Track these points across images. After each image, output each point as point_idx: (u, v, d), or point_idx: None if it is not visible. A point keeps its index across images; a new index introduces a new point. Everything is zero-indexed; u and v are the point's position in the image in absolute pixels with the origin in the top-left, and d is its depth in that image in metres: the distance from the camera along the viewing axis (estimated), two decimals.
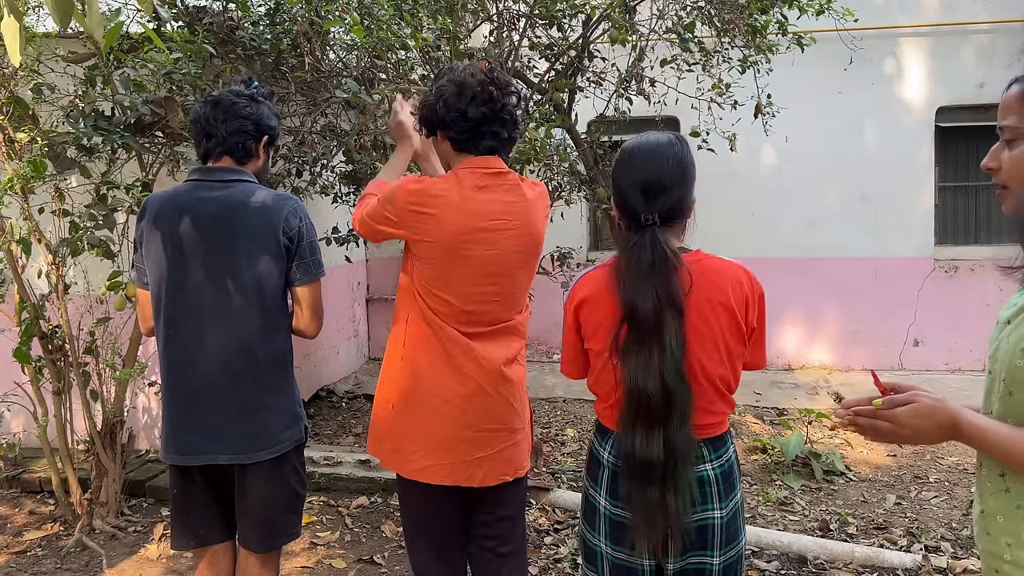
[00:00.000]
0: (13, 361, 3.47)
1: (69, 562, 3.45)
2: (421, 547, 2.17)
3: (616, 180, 1.71)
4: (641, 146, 1.72)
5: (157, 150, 3.77)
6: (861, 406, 1.33)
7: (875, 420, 1.30)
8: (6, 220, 3.43)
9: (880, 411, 1.30)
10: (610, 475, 1.70)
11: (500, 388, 2.03)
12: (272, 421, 2.14)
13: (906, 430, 1.28)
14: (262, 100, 2.24)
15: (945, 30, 6.72)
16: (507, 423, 2.06)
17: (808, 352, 7.06)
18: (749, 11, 4.28)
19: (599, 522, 1.72)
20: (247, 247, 2.08)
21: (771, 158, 6.91)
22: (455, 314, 1.99)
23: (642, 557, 1.68)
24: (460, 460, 2.02)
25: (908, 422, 1.27)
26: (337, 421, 5.56)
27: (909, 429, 1.27)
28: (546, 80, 4.63)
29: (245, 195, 2.12)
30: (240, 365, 2.09)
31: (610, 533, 1.70)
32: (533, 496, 3.93)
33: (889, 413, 1.29)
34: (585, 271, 1.77)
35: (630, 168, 1.69)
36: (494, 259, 1.98)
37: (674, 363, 1.56)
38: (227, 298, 2.08)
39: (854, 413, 1.33)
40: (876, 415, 1.30)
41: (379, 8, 3.45)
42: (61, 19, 1.30)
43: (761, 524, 3.74)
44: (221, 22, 3.75)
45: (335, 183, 4.57)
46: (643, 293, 1.57)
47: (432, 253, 1.97)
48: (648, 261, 1.59)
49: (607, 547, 1.71)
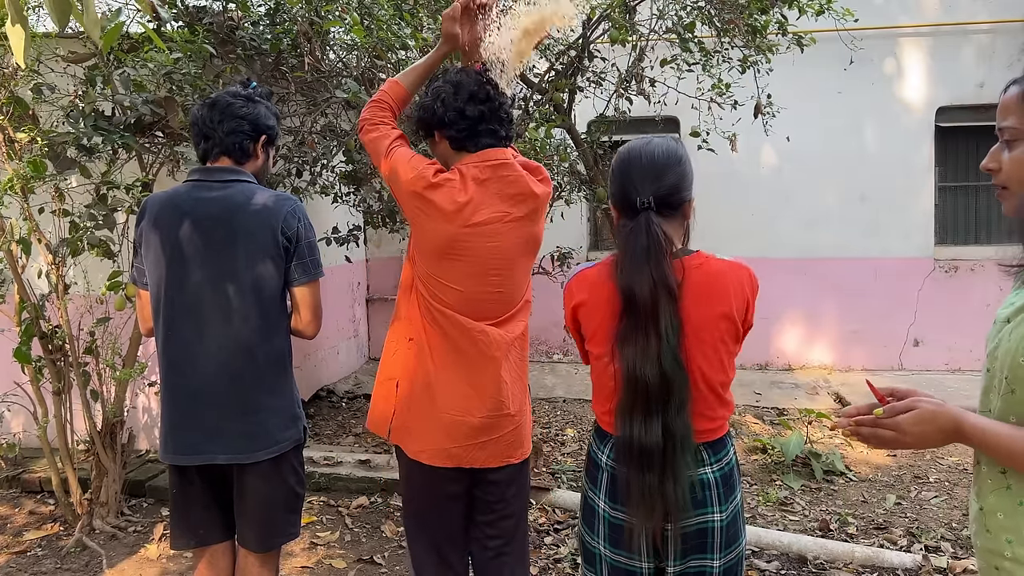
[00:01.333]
0: (13, 361, 3.47)
1: (69, 562, 3.45)
2: (421, 542, 2.18)
3: (613, 174, 1.72)
4: (637, 141, 1.75)
5: (157, 150, 3.77)
6: (861, 415, 1.32)
7: (877, 429, 1.30)
8: (6, 220, 3.43)
9: (881, 420, 1.29)
10: (609, 478, 1.70)
11: (502, 372, 2.05)
12: (271, 421, 2.14)
13: (909, 437, 1.27)
14: (259, 100, 2.24)
15: (945, 30, 6.72)
16: (509, 407, 2.07)
17: (808, 352, 7.06)
18: (749, 11, 4.28)
19: (598, 525, 1.72)
20: (246, 247, 2.08)
21: (771, 158, 6.91)
22: (460, 303, 2.01)
23: (641, 559, 1.67)
24: (462, 444, 2.04)
25: (911, 429, 1.27)
26: (337, 421, 5.56)
27: (912, 436, 1.27)
28: (546, 80, 4.62)
29: (244, 195, 2.12)
30: (239, 365, 2.10)
31: (608, 536, 1.70)
32: (533, 496, 3.92)
33: (892, 421, 1.28)
34: (579, 268, 1.76)
35: (625, 160, 1.71)
36: (496, 251, 2.00)
37: (671, 350, 1.56)
38: (226, 298, 2.08)
39: (855, 423, 1.32)
40: (878, 424, 1.30)
41: (379, 8, 3.46)
42: (59, 19, 1.30)
43: (761, 524, 3.74)
44: (221, 22, 3.75)
45: (335, 183, 4.57)
46: (639, 279, 1.57)
47: (432, 245, 1.99)
48: (643, 245, 1.59)
49: (606, 550, 1.71)
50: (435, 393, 2.04)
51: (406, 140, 2.12)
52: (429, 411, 2.05)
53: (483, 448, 2.06)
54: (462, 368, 2.03)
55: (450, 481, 2.09)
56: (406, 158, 2.01)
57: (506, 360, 2.06)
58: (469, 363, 2.02)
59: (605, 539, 1.71)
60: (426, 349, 2.04)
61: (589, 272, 1.72)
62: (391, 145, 2.05)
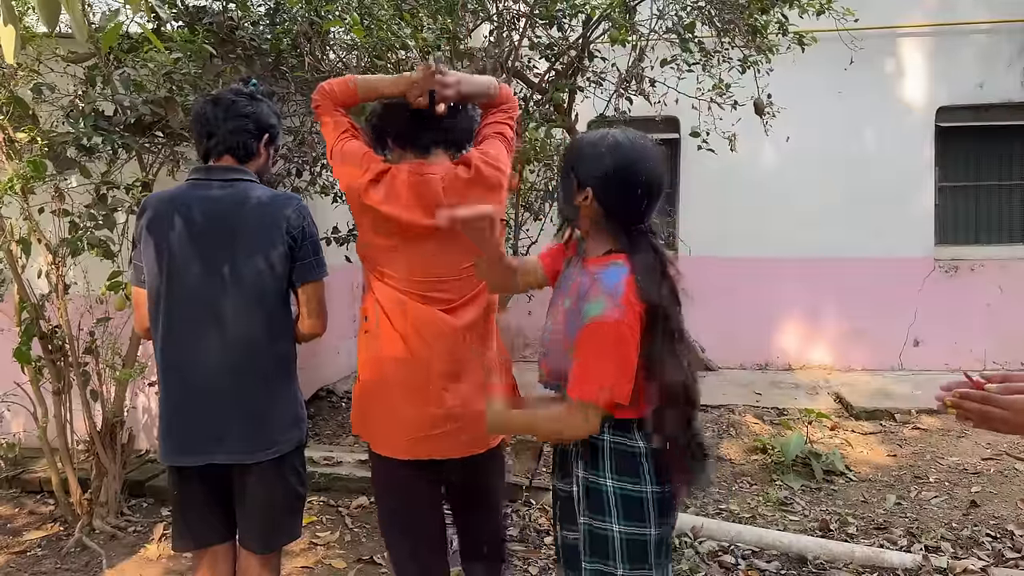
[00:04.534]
0: (13, 361, 3.47)
1: (69, 562, 3.45)
2: (396, 540, 2.15)
3: (615, 173, 1.66)
4: (644, 145, 1.70)
5: (157, 150, 3.77)
6: (969, 389, 1.30)
7: (987, 406, 1.27)
8: (6, 220, 3.43)
9: (993, 396, 1.26)
10: (651, 458, 1.68)
11: (450, 361, 2.01)
12: (272, 422, 2.13)
13: (1021, 417, 1.24)
14: (261, 98, 2.23)
15: (945, 30, 6.72)
16: (458, 398, 2.02)
17: (808, 352, 7.06)
18: (749, 11, 4.28)
19: (648, 512, 1.68)
20: (248, 247, 2.07)
21: (771, 158, 6.91)
22: (406, 285, 2.02)
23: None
24: (415, 435, 2.01)
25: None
26: (337, 421, 5.56)
27: (1022, 417, 1.24)
28: (546, 80, 4.62)
29: (247, 194, 2.11)
30: (242, 366, 2.08)
31: (659, 514, 1.69)
32: (533, 496, 3.93)
33: (1007, 399, 1.25)
34: (615, 274, 1.65)
35: (637, 166, 1.66)
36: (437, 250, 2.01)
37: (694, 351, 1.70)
38: (228, 298, 2.07)
39: (960, 396, 1.30)
40: (988, 400, 1.27)
41: (379, 8, 3.46)
42: (49, 20, 1.33)
43: (761, 524, 3.74)
44: (221, 22, 3.75)
45: (335, 183, 4.57)
46: (666, 297, 1.64)
47: (370, 241, 2.06)
48: (661, 263, 1.67)
49: (655, 529, 1.69)
50: (388, 383, 2.03)
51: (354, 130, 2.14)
52: (384, 402, 2.04)
53: (440, 440, 2.01)
54: (410, 356, 2.00)
55: (412, 474, 2.05)
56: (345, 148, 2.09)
57: (458, 348, 2.02)
58: (414, 352, 2.00)
59: (655, 519, 1.69)
60: (381, 337, 2.03)
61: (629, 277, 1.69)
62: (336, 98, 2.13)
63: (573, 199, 1.72)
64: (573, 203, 1.72)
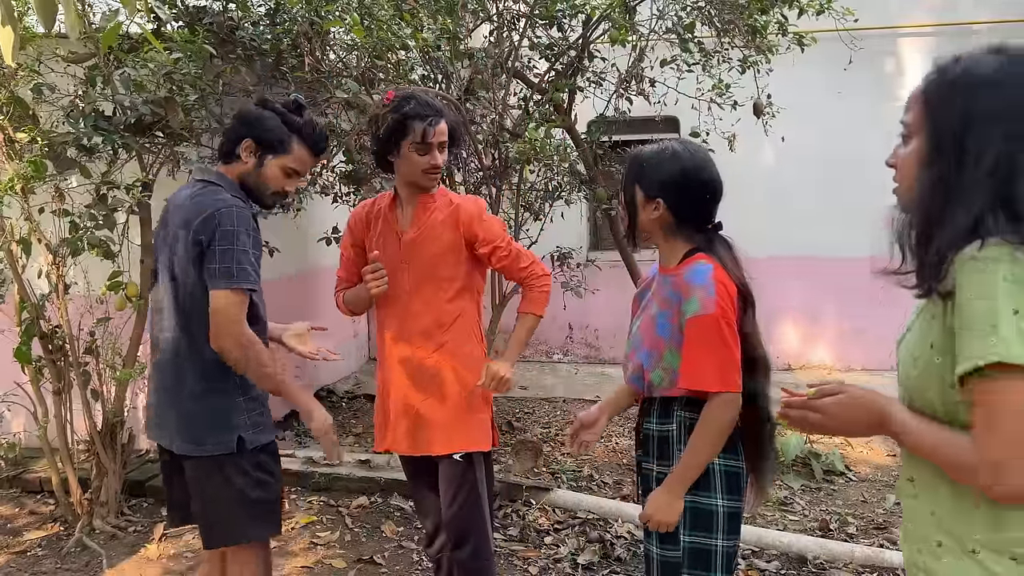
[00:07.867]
0: (13, 361, 3.47)
1: (69, 562, 3.46)
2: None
3: (683, 179, 1.83)
4: (699, 149, 1.90)
5: (157, 150, 3.77)
6: (790, 398, 1.34)
7: (805, 411, 1.30)
8: (6, 220, 3.43)
9: (810, 401, 1.29)
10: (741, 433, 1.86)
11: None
12: (198, 424, 2.14)
13: (836, 421, 1.26)
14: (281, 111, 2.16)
15: (946, 30, 6.72)
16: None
17: (808, 352, 7.06)
18: (749, 11, 4.28)
19: (743, 487, 1.87)
20: (179, 251, 2.10)
21: (771, 158, 6.91)
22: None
23: None
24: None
25: (838, 412, 1.26)
26: (337, 421, 5.55)
27: (839, 420, 1.26)
28: (546, 80, 4.63)
29: (189, 197, 2.13)
30: (171, 364, 2.17)
31: (729, 488, 1.84)
32: (533, 496, 3.93)
33: (820, 403, 1.28)
34: (702, 271, 1.80)
35: (700, 170, 1.85)
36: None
37: None
38: (165, 298, 2.16)
39: (784, 404, 1.34)
40: (806, 406, 1.30)
41: (379, 8, 3.46)
42: (46, 20, 1.34)
43: (761, 524, 3.74)
44: (221, 22, 3.75)
45: (335, 183, 4.57)
46: (746, 282, 1.83)
47: None
48: (736, 254, 1.86)
49: (725, 502, 1.83)
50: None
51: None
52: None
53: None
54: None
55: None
56: None
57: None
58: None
59: (736, 492, 1.85)
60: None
61: (719, 270, 1.84)
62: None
63: (640, 213, 1.87)
64: (640, 217, 1.87)
